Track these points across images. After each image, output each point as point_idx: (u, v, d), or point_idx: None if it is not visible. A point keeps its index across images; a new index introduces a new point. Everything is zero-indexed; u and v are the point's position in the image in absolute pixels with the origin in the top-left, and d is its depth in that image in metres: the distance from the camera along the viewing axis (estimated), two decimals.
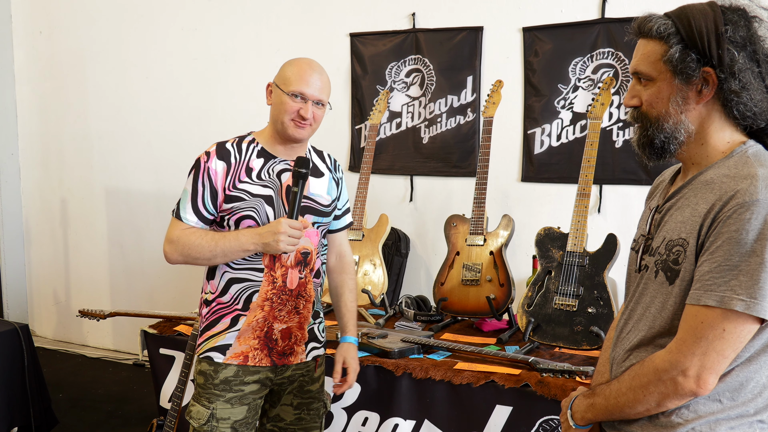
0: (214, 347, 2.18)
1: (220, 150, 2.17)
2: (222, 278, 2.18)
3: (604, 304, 2.77)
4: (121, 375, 4.76)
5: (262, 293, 2.16)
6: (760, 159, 1.38)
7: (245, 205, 2.12)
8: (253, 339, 2.17)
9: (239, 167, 2.15)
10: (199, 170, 2.14)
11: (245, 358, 2.17)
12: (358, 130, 4.18)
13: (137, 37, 4.84)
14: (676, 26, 1.41)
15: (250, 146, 2.19)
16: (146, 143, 4.90)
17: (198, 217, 2.15)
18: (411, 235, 3.99)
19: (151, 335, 3.19)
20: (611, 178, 3.54)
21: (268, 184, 2.16)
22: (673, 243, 1.42)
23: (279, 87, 2.15)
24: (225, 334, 2.17)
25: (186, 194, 2.16)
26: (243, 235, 2.10)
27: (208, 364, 2.17)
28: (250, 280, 2.16)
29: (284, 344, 2.20)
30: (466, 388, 2.53)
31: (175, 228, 2.16)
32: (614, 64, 3.51)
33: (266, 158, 2.18)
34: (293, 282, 2.19)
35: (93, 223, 5.19)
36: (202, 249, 2.11)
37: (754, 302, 1.29)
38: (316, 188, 2.25)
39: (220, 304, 2.19)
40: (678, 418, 1.41)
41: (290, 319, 2.20)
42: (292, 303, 2.19)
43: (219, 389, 2.16)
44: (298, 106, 2.12)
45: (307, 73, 2.13)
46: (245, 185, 2.14)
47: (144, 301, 5.00)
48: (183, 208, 2.16)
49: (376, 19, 4.09)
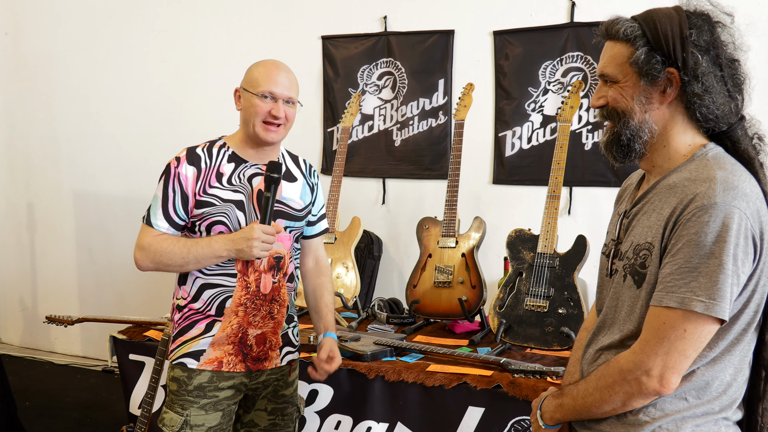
0: (187, 353, 2.15)
1: (191, 155, 2.15)
2: (194, 284, 2.16)
3: (575, 304, 2.79)
4: (90, 382, 4.69)
5: (236, 298, 2.14)
6: (720, 162, 1.40)
7: (216, 210, 2.11)
8: (227, 345, 2.15)
9: (209, 172, 2.13)
10: (170, 176, 2.12)
11: (219, 363, 2.15)
12: (330, 133, 4.17)
13: (107, 38, 4.78)
14: (642, 29, 1.43)
15: (221, 151, 2.18)
16: (116, 145, 4.84)
17: (169, 223, 2.13)
18: (384, 238, 4.00)
19: (120, 341, 3.15)
20: (581, 180, 3.58)
21: (239, 188, 2.14)
22: (640, 247, 1.45)
23: (247, 90, 2.14)
24: (199, 339, 2.15)
25: (156, 200, 2.14)
26: (216, 241, 2.08)
27: (182, 371, 2.15)
28: (223, 285, 2.14)
29: (259, 350, 2.19)
30: (439, 390, 2.54)
31: (146, 235, 2.14)
32: (583, 67, 3.55)
33: (237, 163, 2.17)
34: (267, 287, 2.17)
35: (61, 227, 5.11)
36: (174, 256, 2.09)
37: (713, 303, 1.32)
38: (288, 193, 2.23)
39: (192, 310, 2.17)
40: (645, 416, 1.43)
41: (265, 324, 2.18)
42: (266, 308, 2.18)
43: (193, 395, 2.13)
44: (268, 106, 2.11)
45: (274, 72, 2.13)
46: (216, 190, 2.12)
47: (113, 307, 4.93)
48: (153, 214, 2.13)
49: (348, 22, 4.09)
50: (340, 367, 2.67)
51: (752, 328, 1.42)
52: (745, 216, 1.32)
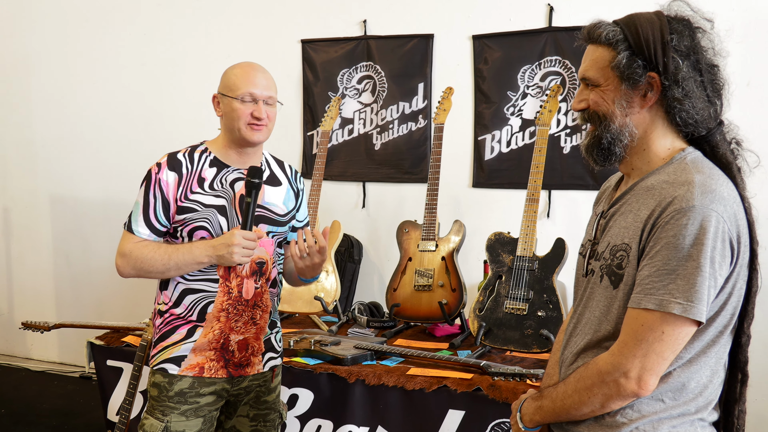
0: (168, 358, 2.14)
1: (171, 161, 2.14)
2: (175, 289, 2.15)
3: (554, 307, 2.81)
4: (67, 388, 4.63)
5: (218, 304, 2.13)
6: (698, 166, 1.42)
7: (198, 216, 2.10)
8: (209, 350, 2.14)
9: (191, 177, 2.12)
10: (150, 182, 2.11)
11: (201, 369, 2.13)
12: (310, 137, 4.16)
13: (84, 41, 4.73)
14: (624, 33, 1.45)
15: (203, 156, 2.17)
16: (93, 150, 4.79)
17: (150, 230, 2.13)
18: (364, 242, 3.99)
19: (98, 347, 3.12)
20: (560, 183, 3.61)
21: (221, 193, 2.13)
22: (617, 248, 1.46)
23: (226, 95, 2.13)
24: (180, 345, 2.14)
25: (137, 206, 2.13)
26: (196, 247, 2.07)
27: (162, 376, 2.13)
28: (205, 290, 2.13)
29: (241, 355, 2.17)
30: (419, 394, 2.54)
31: (127, 241, 2.13)
32: (561, 71, 3.58)
33: (219, 167, 2.16)
34: (249, 292, 2.16)
35: (37, 232, 5.04)
36: (155, 262, 2.08)
37: (691, 305, 1.33)
38: (271, 197, 2.22)
39: (174, 315, 2.16)
40: (623, 418, 1.44)
41: (247, 330, 2.17)
42: (248, 313, 2.17)
43: (174, 401, 2.12)
44: (250, 108, 2.10)
45: (251, 73, 2.12)
46: (197, 196, 2.11)
47: (91, 312, 4.88)
48: (135, 221, 2.13)
49: (327, 26, 4.08)
50: (320, 372, 2.68)
51: (728, 330, 1.44)
52: (722, 219, 1.33)
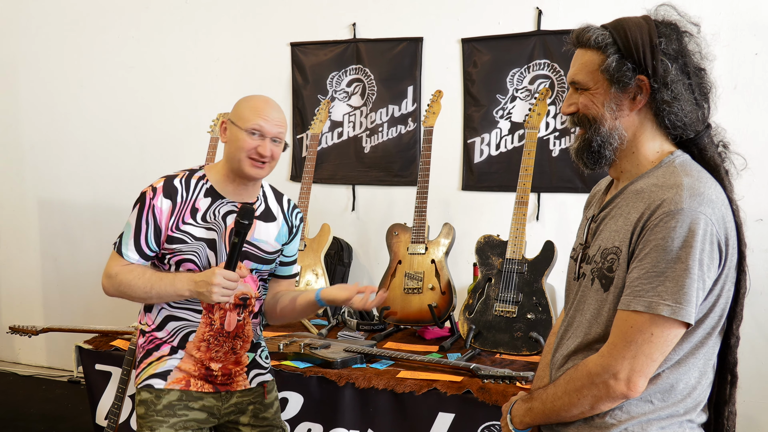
0: (154, 374, 2.12)
1: (168, 187, 2.09)
2: (159, 314, 2.14)
3: (543, 310, 2.82)
4: (55, 393, 4.60)
5: (199, 334, 2.12)
6: (686, 169, 1.43)
7: (187, 248, 2.08)
8: (194, 371, 2.13)
9: (185, 207, 2.08)
10: (144, 206, 2.07)
11: (187, 383, 2.13)
12: (300, 140, 4.16)
13: (72, 43, 4.71)
14: (613, 37, 1.46)
15: (199, 183, 2.12)
16: (82, 153, 4.76)
17: (139, 255, 2.10)
18: (353, 245, 3.99)
19: (86, 351, 3.10)
20: (549, 186, 3.62)
21: (213, 226, 2.10)
22: (608, 251, 1.47)
23: (235, 124, 2.08)
24: (165, 360, 2.13)
25: (129, 229, 2.09)
26: (179, 280, 2.04)
27: (149, 392, 2.12)
28: (188, 320, 2.13)
29: (223, 378, 2.17)
30: (409, 397, 2.54)
31: (115, 263, 2.11)
32: (550, 75, 3.59)
33: (213, 198, 2.11)
34: (231, 324, 2.14)
35: (25, 235, 5.01)
36: (137, 289, 2.07)
37: (679, 307, 1.34)
38: (262, 234, 2.17)
39: (155, 337, 2.16)
40: (612, 419, 1.45)
41: (227, 359, 2.16)
42: (228, 344, 2.16)
43: (162, 415, 2.10)
44: (256, 143, 2.04)
45: (264, 109, 2.07)
46: (189, 227, 2.08)
47: (79, 316, 4.85)
48: (125, 244, 2.10)
49: (316, 29, 4.08)
50: (309, 375, 2.67)
51: (716, 332, 1.45)
52: (710, 222, 1.35)
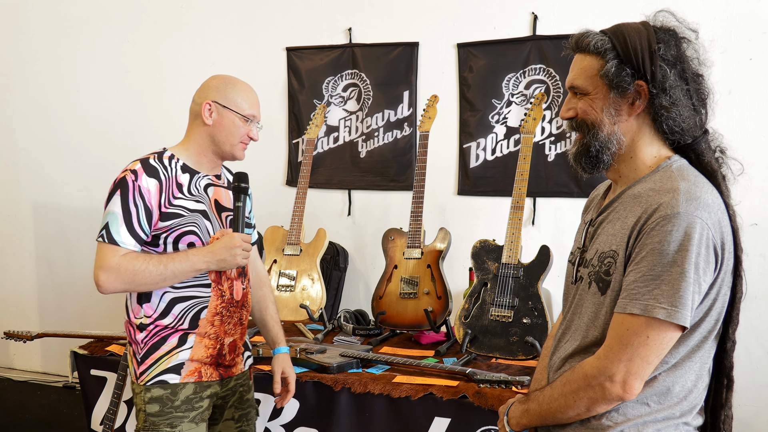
0: (166, 369, 2.08)
1: (147, 167, 2.06)
2: (162, 299, 2.08)
3: (539, 314, 2.82)
4: (50, 398, 4.58)
5: (212, 308, 2.12)
6: (683, 173, 1.44)
7: (185, 221, 2.07)
8: (206, 356, 2.13)
9: (170, 183, 2.08)
10: (128, 189, 2.01)
11: (199, 374, 2.13)
12: (296, 145, 4.16)
13: (68, 48, 4.70)
14: (612, 42, 1.47)
15: (172, 162, 2.12)
16: (77, 157, 4.76)
17: (135, 239, 2.02)
18: (349, 249, 3.99)
19: (81, 356, 3.09)
20: (544, 191, 3.63)
21: (199, 198, 2.13)
22: (605, 255, 1.48)
23: (230, 108, 2.12)
24: (175, 354, 2.09)
25: (116, 217, 2.00)
26: (193, 254, 2.03)
27: (163, 389, 2.07)
28: (197, 297, 2.10)
29: (230, 357, 2.20)
30: (405, 401, 2.54)
31: (110, 254, 2.00)
32: (545, 80, 3.60)
33: (191, 174, 2.14)
34: (239, 293, 2.19)
35: (20, 240, 5.00)
36: (151, 274, 1.99)
37: (675, 310, 1.35)
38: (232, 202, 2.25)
39: (160, 326, 2.09)
40: (608, 421, 1.46)
41: (236, 331, 2.20)
42: (237, 314, 2.19)
43: (182, 410, 2.08)
44: (249, 129, 2.17)
45: (254, 97, 2.20)
46: (181, 201, 2.08)
47: (74, 321, 4.83)
48: (116, 232, 2.00)
49: (312, 34, 4.09)
50: (305, 380, 2.67)
51: (712, 335, 1.45)
52: (706, 226, 1.35)
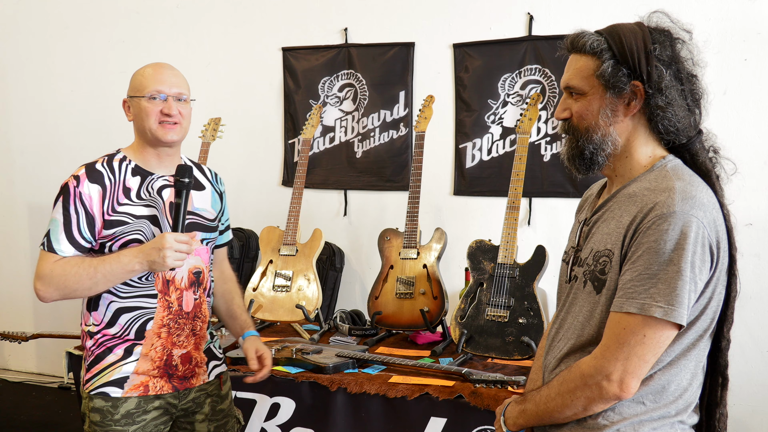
0: (108, 382, 2.01)
1: (91, 172, 2.02)
2: (108, 309, 2.02)
3: (534, 314, 2.82)
4: (46, 399, 4.57)
5: (158, 320, 2.04)
6: (678, 173, 1.45)
7: (129, 228, 1.99)
8: (152, 369, 2.04)
9: (116, 188, 2.01)
10: (69, 196, 1.97)
11: (146, 388, 2.04)
12: (291, 145, 4.16)
13: (63, 48, 4.69)
14: (608, 43, 1.47)
15: (123, 164, 2.06)
16: (72, 158, 4.71)
17: (75, 247, 1.97)
18: (345, 250, 3.99)
19: (76, 357, 3.08)
20: (540, 191, 3.63)
21: (150, 202, 2.03)
22: (600, 254, 1.48)
23: (134, 96, 2.07)
24: (119, 366, 2.02)
25: (56, 224, 1.97)
26: (124, 255, 1.93)
27: (104, 401, 2.01)
28: (143, 307, 2.03)
29: (185, 368, 2.10)
30: (401, 401, 2.54)
31: (46, 262, 1.96)
32: (541, 80, 3.61)
33: (143, 176, 2.06)
34: (189, 304, 2.08)
35: (15, 241, 4.98)
36: (80, 278, 1.93)
37: (672, 309, 1.35)
38: (199, 202, 2.15)
39: (108, 336, 2.03)
40: (604, 420, 1.46)
41: (188, 343, 2.10)
42: (189, 326, 2.09)
43: (121, 424, 2.01)
44: (159, 106, 2.03)
45: (159, 71, 2.07)
46: (126, 207, 2.00)
47: (69, 322, 4.81)
48: (55, 240, 1.96)
49: (308, 34, 4.09)
50: (301, 380, 2.66)
51: (708, 334, 1.46)
52: (702, 225, 1.36)
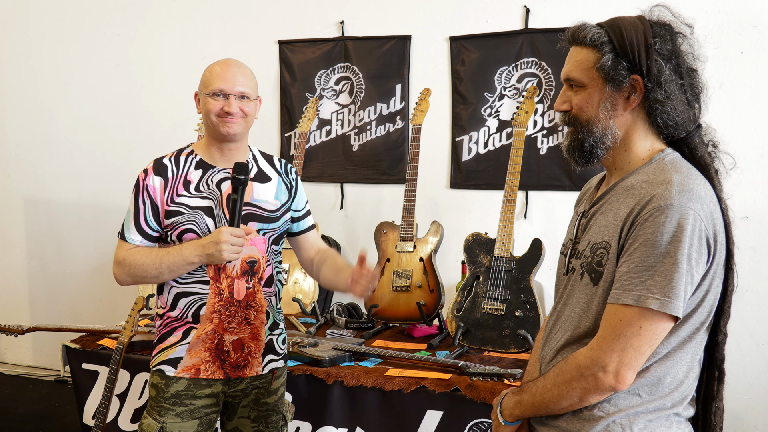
0: (165, 360, 2.17)
1: (157, 166, 2.17)
2: (170, 293, 2.18)
3: (531, 307, 2.83)
4: (42, 392, 4.57)
5: (210, 305, 2.15)
6: (676, 166, 1.45)
7: (185, 218, 2.12)
8: (204, 351, 2.16)
9: (177, 181, 2.15)
10: (139, 189, 2.15)
11: (197, 371, 2.16)
12: (288, 138, 4.15)
13: (58, 41, 4.67)
14: (608, 35, 1.47)
15: (189, 158, 2.19)
16: (68, 151, 4.73)
17: (142, 236, 2.16)
18: (342, 243, 3.99)
19: (73, 350, 3.08)
20: (536, 184, 3.63)
21: (207, 195, 2.15)
22: (597, 246, 1.48)
23: (201, 92, 2.16)
24: (176, 347, 2.17)
25: (129, 214, 2.17)
26: (186, 248, 2.09)
27: (160, 377, 2.17)
28: (197, 293, 2.15)
29: (237, 356, 2.18)
30: (398, 394, 2.55)
31: (120, 250, 2.17)
32: (538, 73, 3.60)
33: (205, 169, 2.18)
34: (240, 292, 2.17)
35: (10, 234, 4.97)
36: (148, 267, 2.11)
37: (668, 301, 1.36)
38: (260, 194, 2.23)
39: (171, 318, 2.19)
40: (600, 412, 1.47)
41: (241, 330, 2.18)
42: (241, 314, 2.18)
43: (170, 403, 2.15)
44: (220, 104, 2.12)
45: (224, 69, 2.14)
46: (183, 198, 2.13)
47: (66, 315, 4.82)
48: (127, 229, 2.17)
49: (304, 27, 4.07)
50: (298, 373, 2.67)
51: (704, 327, 1.46)
52: (699, 217, 1.36)
